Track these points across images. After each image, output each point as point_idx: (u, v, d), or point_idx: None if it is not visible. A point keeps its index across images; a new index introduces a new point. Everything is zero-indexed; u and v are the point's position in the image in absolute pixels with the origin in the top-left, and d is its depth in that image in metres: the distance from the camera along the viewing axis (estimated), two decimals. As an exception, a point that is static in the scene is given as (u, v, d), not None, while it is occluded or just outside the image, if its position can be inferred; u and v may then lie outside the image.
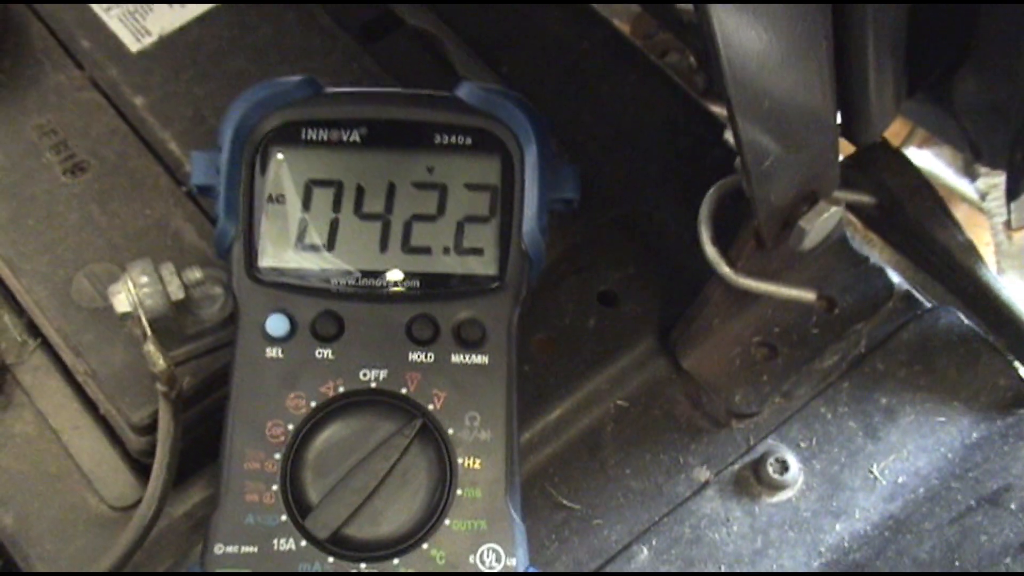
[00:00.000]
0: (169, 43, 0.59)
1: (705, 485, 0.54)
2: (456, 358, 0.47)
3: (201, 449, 0.51)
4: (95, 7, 0.60)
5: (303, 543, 0.44)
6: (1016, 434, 0.54)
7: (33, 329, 0.55)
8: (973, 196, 0.77)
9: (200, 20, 0.59)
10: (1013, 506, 0.49)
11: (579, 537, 0.53)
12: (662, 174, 0.61)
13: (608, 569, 0.52)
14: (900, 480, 0.54)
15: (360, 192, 0.49)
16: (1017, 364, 0.56)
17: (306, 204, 0.48)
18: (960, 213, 0.82)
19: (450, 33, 0.62)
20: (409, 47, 0.62)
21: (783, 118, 0.43)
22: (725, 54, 0.38)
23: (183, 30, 0.59)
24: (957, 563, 0.48)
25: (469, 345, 0.47)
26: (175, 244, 0.54)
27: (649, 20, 0.80)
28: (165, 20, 0.59)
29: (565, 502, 0.53)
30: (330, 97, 0.49)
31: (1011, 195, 0.48)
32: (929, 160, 0.78)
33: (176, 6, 0.60)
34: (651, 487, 0.54)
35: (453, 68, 0.61)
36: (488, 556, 0.45)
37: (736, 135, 0.42)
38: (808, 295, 0.53)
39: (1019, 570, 0.46)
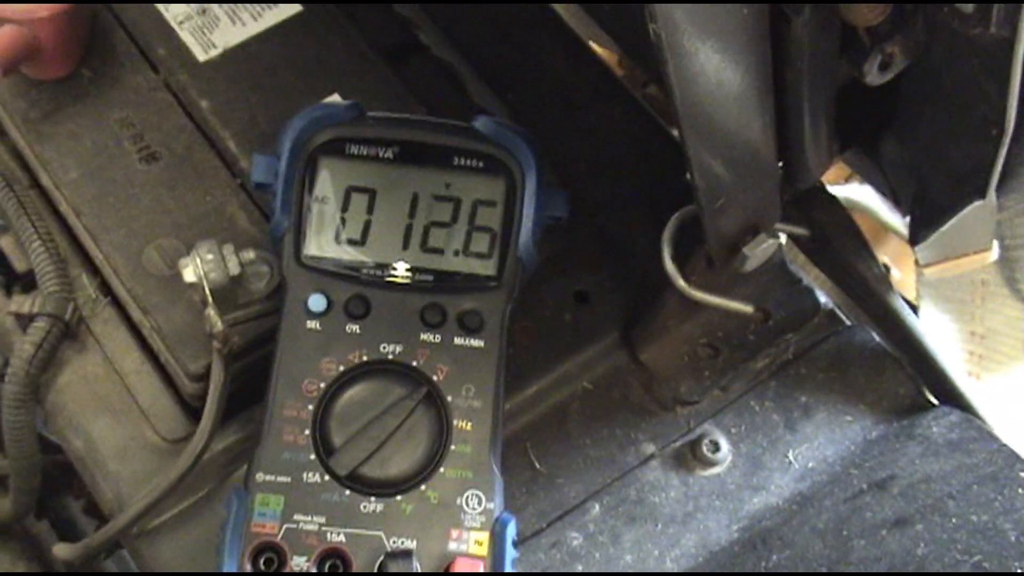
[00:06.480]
0: (231, 56, 0.68)
1: (650, 457, 0.64)
2: (458, 340, 0.57)
3: (241, 397, 0.61)
4: (170, 20, 0.69)
5: (327, 477, 0.55)
6: (907, 434, 0.65)
7: (104, 288, 0.64)
8: (904, 231, 0.86)
9: (258, 38, 0.69)
10: (895, 491, 0.60)
11: (544, 492, 0.63)
12: (635, 195, 0.71)
13: (565, 519, 0.63)
14: (810, 465, 0.64)
15: (389, 199, 0.59)
16: (915, 377, 0.68)
17: (345, 206, 0.59)
18: (892, 245, 0.92)
19: (466, 64, 0.72)
20: (431, 73, 0.72)
21: (732, 167, 0.53)
22: (683, 111, 0.47)
23: (243, 46, 0.68)
24: (844, 532, 0.59)
25: (469, 331, 0.57)
26: (230, 227, 0.64)
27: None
28: (229, 35, 0.69)
29: (535, 463, 0.64)
30: (371, 120, 0.59)
31: (913, 242, 0.59)
32: (867, 195, 0.87)
33: (238, 23, 0.70)
34: (606, 456, 0.64)
35: (468, 96, 0.71)
36: (472, 499, 0.56)
37: (693, 181, 0.53)
38: (747, 308, 0.64)
39: (892, 542, 0.57)
